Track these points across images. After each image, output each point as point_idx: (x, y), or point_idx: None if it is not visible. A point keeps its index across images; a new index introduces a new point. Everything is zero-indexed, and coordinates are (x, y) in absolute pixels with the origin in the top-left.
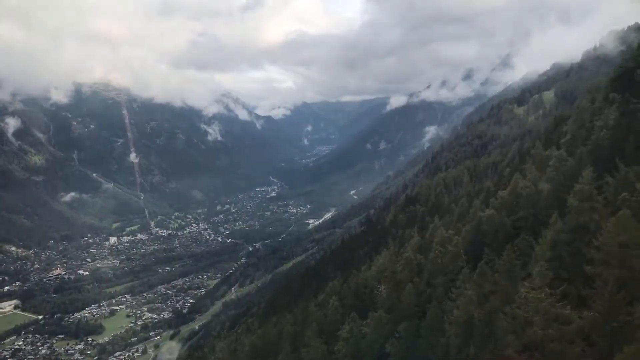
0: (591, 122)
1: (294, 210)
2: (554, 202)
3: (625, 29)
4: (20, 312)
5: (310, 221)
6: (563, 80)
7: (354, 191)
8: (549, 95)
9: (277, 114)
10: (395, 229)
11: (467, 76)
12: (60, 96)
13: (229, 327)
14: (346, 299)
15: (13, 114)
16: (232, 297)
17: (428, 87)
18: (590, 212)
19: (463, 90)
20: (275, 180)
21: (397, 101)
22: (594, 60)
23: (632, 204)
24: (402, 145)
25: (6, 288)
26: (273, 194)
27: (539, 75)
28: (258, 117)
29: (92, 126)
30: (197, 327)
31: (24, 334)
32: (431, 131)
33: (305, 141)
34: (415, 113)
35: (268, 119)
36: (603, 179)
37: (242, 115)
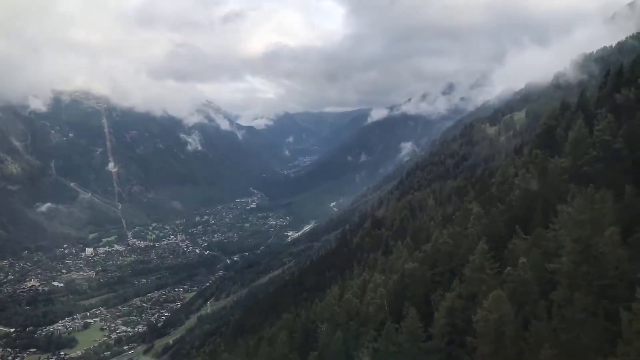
0: (515, 176)
1: (274, 222)
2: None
3: (588, 55)
4: None
5: (290, 233)
6: (534, 101)
7: (334, 203)
8: (520, 116)
9: (260, 124)
10: (360, 252)
11: (448, 90)
12: (38, 104)
13: (198, 346)
14: (296, 334)
15: None
16: (208, 311)
17: (409, 100)
18: (480, 283)
19: (443, 104)
20: (255, 192)
21: (378, 114)
22: (557, 88)
23: (514, 279)
24: (383, 157)
25: None
26: (253, 205)
27: (514, 93)
28: (239, 127)
29: (70, 135)
30: (171, 342)
31: None
32: (407, 147)
33: (287, 152)
34: (396, 126)
35: (250, 129)
36: (509, 242)
37: (224, 125)
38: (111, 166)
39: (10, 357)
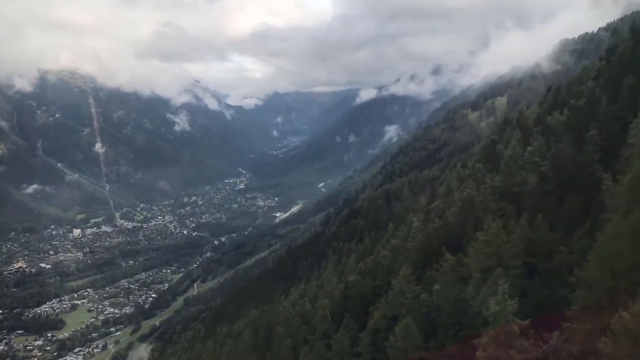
0: (458, 188)
1: (262, 203)
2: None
3: (567, 42)
4: None
5: (278, 214)
6: (515, 87)
7: (322, 184)
8: (501, 102)
9: (249, 103)
10: (336, 241)
11: (436, 71)
12: (24, 84)
13: (180, 331)
14: (261, 331)
15: None
16: (194, 293)
17: (397, 80)
18: (400, 306)
19: (432, 85)
20: (244, 172)
21: (366, 94)
22: (533, 78)
23: (429, 304)
24: (371, 138)
25: None
26: (241, 186)
27: (498, 77)
28: (228, 106)
29: (57, 115)
30: (158, 323)
31: None
32: (392, 130)
33: (276, 132)
34: (384, 106)
35: (238, 108)
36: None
37: (212, 104)
38: (98, 147)
39: None
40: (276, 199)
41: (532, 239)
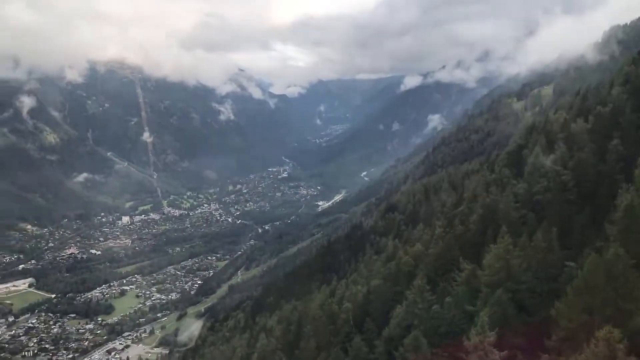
0: (485, 192)
1: (305, 192)
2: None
3: (615, 29)
4: (35, 291)
5: (320, 203)
6: (562, 76)
7: (365, 173)
8: (547, 91)
9: (293, 92)
10: (373, 235)
11: (482, 58)
12: (75, 75)
13: (223, 320)
14: (292, 326)
15: (28, 92)
16: (238, 280)
17: (443, 67)
18: (412, 316)
19: (478, 72)
20: (287, 161)
21: (411, 81)
22: (577, 69)
23: (440, 316)
24: (415, 126)
25: (21, 266)
26: (285, 175)
27: (544, 66)
28: (272, 95)
29: (106, 105)
30: (202, 310)
31: (37, 312)
32: (435, 119)
33: (319, 120)
34: (429, 94)
35: (282, 97)
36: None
37: (256, 93)
38: (146, 136)
39: (51, 322)
40: (319, 187)
41: (544, 256)
